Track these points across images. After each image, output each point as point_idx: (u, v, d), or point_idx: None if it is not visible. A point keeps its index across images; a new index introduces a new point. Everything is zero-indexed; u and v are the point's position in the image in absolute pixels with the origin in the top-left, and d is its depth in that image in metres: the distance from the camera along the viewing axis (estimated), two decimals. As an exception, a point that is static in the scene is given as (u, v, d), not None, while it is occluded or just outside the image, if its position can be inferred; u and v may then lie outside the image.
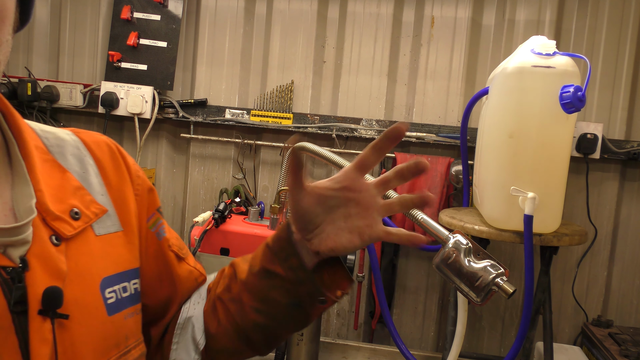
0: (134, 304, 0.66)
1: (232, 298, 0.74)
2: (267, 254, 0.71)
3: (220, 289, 0.77)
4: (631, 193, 2.08)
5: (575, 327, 2.13)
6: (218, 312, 0.76)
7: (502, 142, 1.46)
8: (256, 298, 0.72)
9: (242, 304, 0.73)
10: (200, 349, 0.77)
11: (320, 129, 2.15)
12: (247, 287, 0.73)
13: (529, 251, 1.37)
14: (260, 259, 0.72)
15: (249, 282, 0.73)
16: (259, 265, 0.71)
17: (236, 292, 0.74)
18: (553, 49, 1.39)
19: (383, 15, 2.16)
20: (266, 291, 0.71)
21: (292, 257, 0.68)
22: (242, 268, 0.75)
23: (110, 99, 2.16)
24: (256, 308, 0.72)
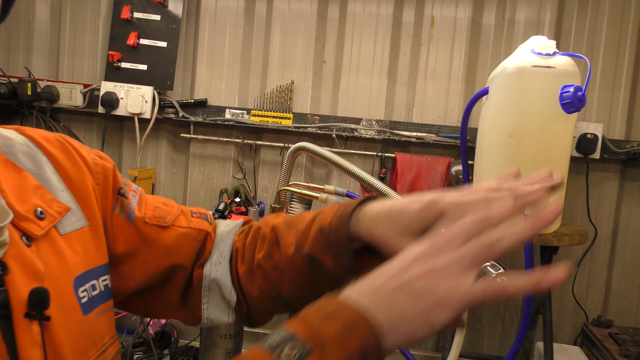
0: (105, 301, 0.65)
1: (275, 266, 0.72)
2: (319, 240, 0.66)
3: (260, 255, 0.73)
4: (631, 193, 2.08)
5: (575, 327, 2.13)
6: (257, 278, 0.74)
7: (502, 142, 1.46)
8: (302, 277, 0.70)
9: (286, 276, 0.71)
10: (233, 305, 0.77)
11: (320, 129, 2.15)
12: (292, 264, 0.70)
13: (529, 251, 1.37)
14: (311, 242, 0.66)
15: (296, 261, 0.69)
16: (308, 248, 0.67)
17: (279, 262, 0.71)
18: (553, 49, 1.39)
19: (383, 15, 2.16)
20: (313, 275, 0.68)
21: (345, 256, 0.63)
22: (287, 240, 0.71)
23: (110, 99, 2.16)
24: (301, 284, 0.70)
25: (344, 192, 1.59)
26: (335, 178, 2.22)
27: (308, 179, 2.24)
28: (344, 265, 0.63)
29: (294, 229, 0.72)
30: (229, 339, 1.63)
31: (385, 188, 1.33)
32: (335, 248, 0.64)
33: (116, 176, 0.71)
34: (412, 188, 2.07)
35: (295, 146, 1.54)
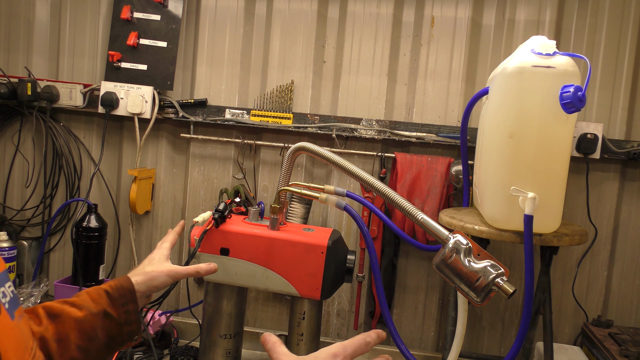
0: (17, 307, 0.67)
1: (55, 337, 0.82)
2: (107, 299, 0.88)
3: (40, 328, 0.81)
4: (631, 193, 2.08)
5: (575, 327, 2.13)
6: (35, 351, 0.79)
7: (502, 142, 1.46)
8: (85, 336, 0.83)
9: (68, 342, 0.82)
10: None
11: (320, 129, 2.15)
12: (80, 326, 0.83)
13: (529, 251, 1.37)
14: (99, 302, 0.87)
15: (86, 321, 0.84)
16: (98, 307, 0.86)
17: (62, 330, 0.82)
18: (553, 49, 1.39)
19: (383, 15, 2.16)
20: (97, 331, 0.85)
21: (130, 303, 0.89)
22: (70, 309, 0.85)
23: (110, 99, 2.16)
24: (80, 346, 0.83)
25: (344, 192, 1.59)
26: (335, 178, 2.22)
27: (308, 179, 2.24)
28: (130, 310, 0.88)
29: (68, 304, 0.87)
30: (229, 339, 1.63)
31: (385, 188, 1.33)
32: (121, 300, 0.88)
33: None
34: (412, 188, 2.07)
35: (295, 146, 1.54)
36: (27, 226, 2.39)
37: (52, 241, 2.40)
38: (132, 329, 0.90)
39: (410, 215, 1.23)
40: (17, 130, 2.36)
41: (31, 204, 2.37)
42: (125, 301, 0.88)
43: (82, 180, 2.37)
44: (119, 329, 0.88)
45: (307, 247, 1.48)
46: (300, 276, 1.51)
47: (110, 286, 0.89)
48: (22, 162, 2.39)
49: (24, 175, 2.39)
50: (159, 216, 2.35)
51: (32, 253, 2.35)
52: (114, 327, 0.87)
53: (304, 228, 1.57)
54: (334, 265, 1.55)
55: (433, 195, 2.04)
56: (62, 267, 2.41)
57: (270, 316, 2.30)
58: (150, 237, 2.36)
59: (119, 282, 0.90)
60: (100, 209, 2.20)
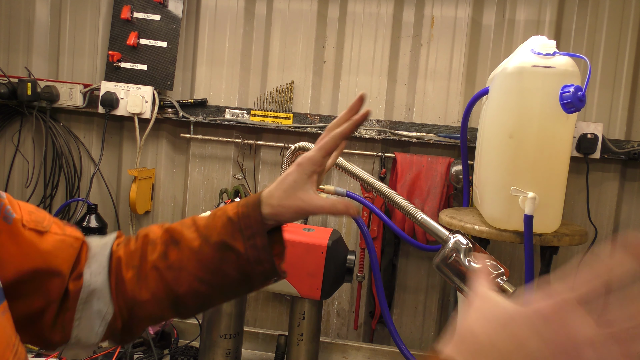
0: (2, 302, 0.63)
1: (171, 266, 0.74)
2: (229, 228, 0.72)
3: (154, 256, 0.75)
4: (631, 193, 2.08)
5: (575, 327, 2.12)
6: (149, 281, 0.74)
7: (502, 142, 1.46)
8: (206, 269, 0.73)
9: (186, 272, 0.73)
10: (108, 320, 0.75)
11: (320, 129, 2.15)
12: (197, 257, 0.73)
13: (529, 251, 1.37)
14: (219, 231, 0.73)
15: (203, 252, 0.73)
16: (217, 237, 0.72)
17: (178, 259, 0.74)
18: (553, 49, 1.39)
19: (383, 15, 2.16)
20: (219, 264, 0.73)
21: (258, 237, 0.72)
22: (188, 236, 0.74)
23: (110, 99, 2.16)
24: (202, 278, 0.73)
25: (344, 192, 1.59)
26: (335, 178, 2.22)
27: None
28: (258, 245, 0.72)
29: (192, 227, 0.76)
30: (229, 339, 1.63)
31: (385, 188, 1.33)
32: (247, 232, 0.72)
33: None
34: (412, 188, 2.07)
35: (295, 146, 1.54)
36: (27, 226, 2.38)
37: (52, 241, 2.40)
38: (265, 269, 0.73)
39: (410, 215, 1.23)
40: (17, 130, 2.36)
41: (31, 203, 2.37)
42: (252, 233, 0.71)
43: (82, 180, 2.37)
44: (250, 267, 0.72)
45: (307, 247, 1.48)
46: (300, 276, 1.51)
47: (237, 213, 0.73)
48: (22, 162, 2.39)
49: (24, 175, 2.39)
50: (159, 216, 2.35)
51: (32, 253, 2.34)
52: (244, 264, 0.72)
53: (304, 228, 1.58)
54: (334, 265, 1.55)
55: (433, 195, 2.04)
56: (62, 267, 2.41)
57: (270, 316, 2.30)
58: (150, 237, 2.36)
59: (247, 209, 0.73)
60: (100, 209, 2.20)
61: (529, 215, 1.35)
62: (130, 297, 0.75)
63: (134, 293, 0.75)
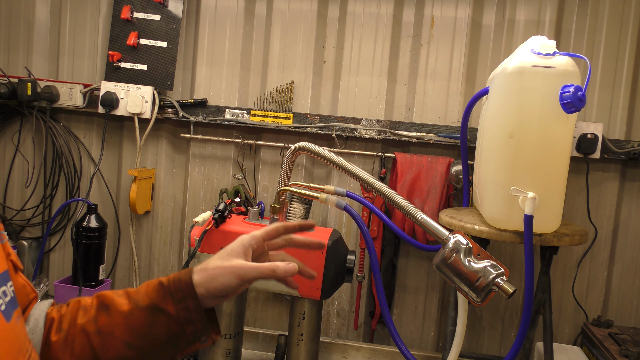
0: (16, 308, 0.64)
1: (99, 331, 0.74)
2: (160, 292, 0.75)
3: (84, 320, 0.75)
4: (631, 193, 2.08)
5: (575, 327, 2.13)
6: (75, 344, 0.74)
7: (502, 142, 1.46)
8: (135, 333, 0.74)
9: (113, 338, 0.74)
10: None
11: (320, 129, 2.15)
12: (127, 321, 0.74)
13: (529, 251, 1.37)
14: (150, 295, 0.75)
15: (133, 315, 0.74)
16: (148, 300, 0.75)
17: (107, 324, 0.74)
18: (553, 49, 1.39)
19: (383, 15, 2.16)
20: (149, 327, 0.74)
21: (189, 299, 0.74)
22: (118, 301, 0.76)
23: (110, 99, 2.16)
24: (130, 343, 0.74)
25: (344, 192, 1.59)
26: (335, 178, 2.22)
27: (308, 179, 2.24)
28: (189, 307, 0.74)
29: (123, 295, 0.78)
30: (229, 339, 1.63)
31: (385, 188, 1.33)
32: (177, 294, 0.74)
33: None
34: (412, 188, 2.07)
35: (295, 146, 1.54)
36: (27, 226, 2.39)
37: (52, 241, 2.40)
38: (197, 328, 0.75)
39: (410, 215, 1.23)
40: (17, 130, 2.36)
41: (31, 204, 2.37)
42: (183, 296, 0.74)
43: (82, 180, 2.37)
44: (180, 328, 0.74)
45: (307, 247, 1.48)
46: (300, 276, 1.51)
47: (168, 278, 0.76)
48: (22, 162, 2.39)
49: (24, 175, 2.39)
50: (159, 216, 2.35)
51: (32, 253, 2.35)
52: (173, 325, 0.74)
53: (304, 228, 1.57)
54: (334, 265, 1.55)
55: (433, 195, 2.04)
56: (62, 267, 2.41)
57: (270, 316, 2.30)
58: (150, 237, 2.36)
59: (178, 275, 0.76)
60: (100, 209, 2.20)
61: (529, 215, 1.35)
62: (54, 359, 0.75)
63: (58, 356, 0.74)
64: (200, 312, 0.74)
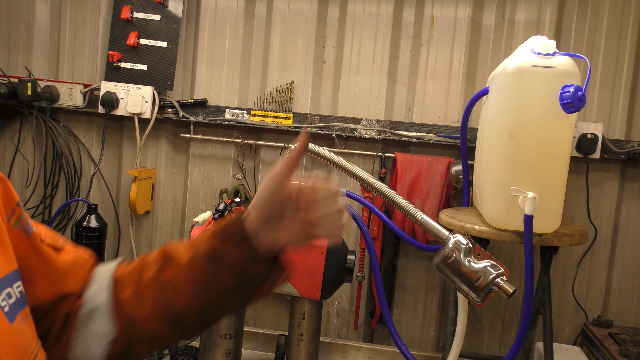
0: (23, 308, 0.63)
1: (165, 284, 0.75)
2: (217, 237, 0.74)
3: (149, 275, 0.76)
4: (631, 193, 2.08)
5: (575, 327, 2.13)
6: (146, 298, 0.75)
7: (502, 142, 1.46)
8: (199, 283, 0.74)
9: (179, 289, 0.74)
10: (108, 341, 0.75)
11: (320, 129, 2.15)
12: (190, 271, 0.74)
13: (529, 251, 1.37)
14: (207, 242, 0.75)
15: (195, 266, 0.74)
16: (206, 249, 0.74)
17: (172, 276, 0.75)
18: (553, 49, 1.39)
19: (383, 15, 2.16)
20: (213, 275, 0.74)
21: (245, 242, 0.73)
22: (180, 254, 0.76)
23: (110, 99, 2.16)
24: (196, 292, 0.74)
25: (343, 192, 1.59)
26: (335, 178, 2.22)
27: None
28: (251, 247, 0.73)
29: (184, 246, 0.78)
30: (229, 339, 1.63)
31: (385, 188, 1.33)
32: (236, 237, 0.73)
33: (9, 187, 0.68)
34: (412, 188, 2.07)
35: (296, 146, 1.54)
36: (27, 226, 2.38)
37: (52, 241, 2.40)
38: (263, 269, 0.74)
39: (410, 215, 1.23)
40: (17, 130, 2.36)
41: (31, 204, 2.37)
42: (240, 239, 0.73)
43: (82, 180, 2.37)
44: (245, 272, 0.73)
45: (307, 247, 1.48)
46: (300, 276, 1.51)
47: (220, 226, 0.75)
48: (22, 162, 2.39)
49: (24, 175, 2.39)
50: (159, 216, 2.35)
51: (32, 253, 2.34)
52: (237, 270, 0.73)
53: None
54: (334, 265, 1.55)
55: (433, 195, 2.04)
56: (62, 267, 2.41)
57: (270, 316, 2.30)
58: (150, 237, 2.36)
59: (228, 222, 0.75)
60: (100, 209, 2.20)
61: (529, 215, 1.35)
62: (129, 317, 0.76)
63: (132, 312, 0.75)
64: (254, 252, 0.73)
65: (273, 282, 0.77)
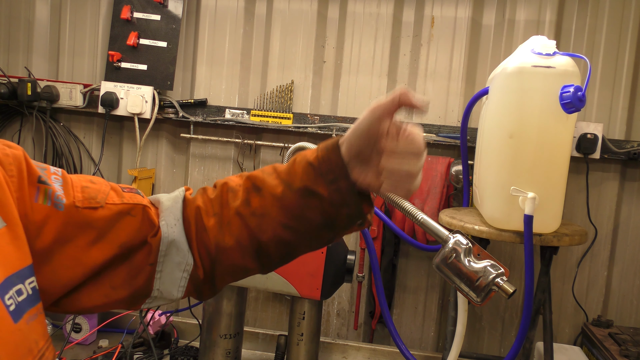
0: (34, 305, 0.62)
1: (254, 212, 0.73)
2: (310, 173, 0.71)
3: (237, 203, 0.74)
4: (631, 193, 2.08)
5: (575, 327, 2.13)
6: (232, 226, 0.74)
7: (502, 142, 1.46)
8: (289, 215, 0.72)
9: (269, 219, 0.73)
10: (189, 271, 0.75)
11: (320, 129, 2.15)
12: (281, 203, 0.72)
13: (529, 251, 1.37)
14: (301, 177, 0.72)
15: (285, 198, 0.72)
16: (299, 183, 0.71)
17: (261, 206, 0.73)
18: (553, 49, 1.39)
19: (383, 15, 2.16)
20: (303, 209, 0.72)
21: (341, 180, 0.70)
22: (270, 183, 0.74)
23: (110, 99, 2.16)
24: (286, 224, 0.73)
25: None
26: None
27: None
28: (341, 188, 0.70)
29: (273, 174, 0.75)
30: (229, 339, 1.63)
31: (385, 188, 1.32)
32: (329, 176, 0.70)
33: (29, 163, 0.66)
34: (412, 188, 2.06)
35: (295, 146, 1.55)
36: (27, 226, 2.38)
37: (52, 241, 2.40)
38: (351, 211, 0.72)
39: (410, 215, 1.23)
40: (17, 130, 2.36)
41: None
42: (334, 177, 0.69)
43: (82, 180, 2.36)
44: (334, 210, 0.71)
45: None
46: (300, 276, 1.51)
47: (317, 157, 0.71)
48: (22, 162, 2.39)
49: (24, 175, 2.39)
50: (162, 214, 2.34)
51: (32, 253, 2.34)
52: (327, 208, 0.71)
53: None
54: (334, 265, 1.55)
55: (433, 195, 2.04)
56: (62, 267, 2.41)
57: (270, 316, 2.30)
58: (150, 237, 2.36)
59: (327, 153, 0.71)
60: (100, 209, 2.20)
61: (529, 215, 1.35)
62: (213, 245, 0.75)
63: (217, 240, 0.74)
64: (354, 194, 0.71)
65: (359, 225, 0.75)
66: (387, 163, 0.68)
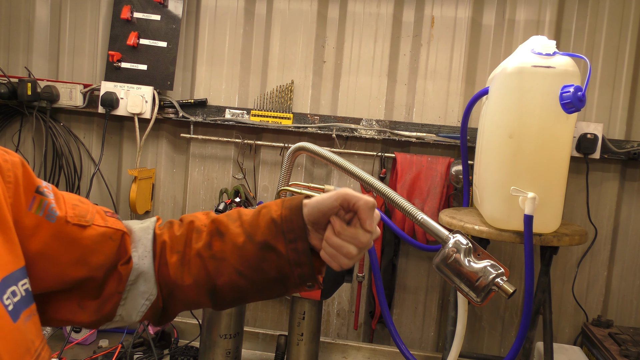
0: (28, 306, 0.63)
1: (214, 256, 0.77)
2: (272, 229, 0.76)
3: (199, 245, 0.78)
4: (631, 193, 2.08)
5: (575, 327, 2.13)
6: (191, 266, 0.78)
7: (502, 142, 1.46)
8: (247, 264, 0.76)
9: (227, 264, 0.77)
10: (152, 300, 0.78)
11: (320, 129, 2.15)
12: (240, 252, 0.76)
13: (529, 251, 1.37)
14: (262, 231, 0.76)
15: (246, 249, 0.76)
16: (261, 237, 0.76)
17: (221, 250, 0.77)
18: (553, 49, 1.39)
19: (383, 15, 2.16)
20: (260, 261, 0.76)
21: (299, 241, 0.75)
22: (234, 230, 0.78)
23: (110, 99, 2.16)
24: (242, 272, 0.77)
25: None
26: (335, 178, 2.22)
27: (308, 179, 2.24)
28: (299, 249, 0.75)
29: (237, 221, 0.79)
30: (229, 339, 1.63)
31: (385, 188, 1.32)
32: (289, 235, 0.75)
33: (27, 171, 0.69)
34: (412, 188, 2.07)
35: (295, 146, 1.54)
36: (27, 226, 2.38)
37: (52, 241, 2.40)
38: (304, 272, 0.76)
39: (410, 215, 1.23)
40: (17, 130, 2.36)
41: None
42: (294, 237, 0.74)
43: (82, 180, 2.37)
44: (288, 268, 0.75)
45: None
46: (300, 276, 1.51)
47: (281, 215, 0.76)
48: (22, 162, 2.39)
49: (24, 175, 2.39)
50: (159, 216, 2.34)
51: (32, 253, 2.34)
52: (283, 264, 0.75)
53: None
54: (334, 265, 1.55)
55: (433, 195, 2.04)
56: (62, 267, 2.41)
57: (270, 316, 2.30)
58: (150, 237, 2.36)
59: (289, 214, 0.75)
60: (100, 209, 2.20)
61: (529, 215, 1.35)
62: (172, 281, 0.78)
63: (177, 277, 0.78)
64: (309, 256, 0.75)
65: (307, 287, 0.80)
66: (328, 239, 0.74)
